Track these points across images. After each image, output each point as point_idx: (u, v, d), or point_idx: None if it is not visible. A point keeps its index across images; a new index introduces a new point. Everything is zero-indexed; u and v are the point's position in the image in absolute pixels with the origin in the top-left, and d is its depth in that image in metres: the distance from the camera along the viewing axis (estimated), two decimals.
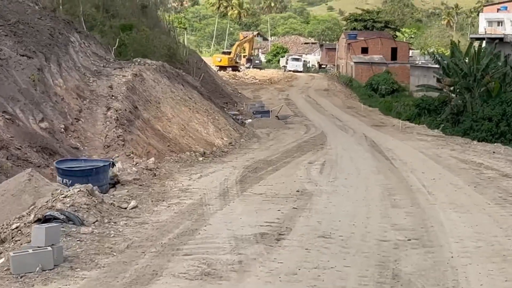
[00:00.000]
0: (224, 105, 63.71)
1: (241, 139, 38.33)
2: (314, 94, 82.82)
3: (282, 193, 19.60)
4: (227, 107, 63.00)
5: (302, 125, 53.38)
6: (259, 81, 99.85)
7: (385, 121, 58.69)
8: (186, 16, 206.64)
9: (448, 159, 31.51)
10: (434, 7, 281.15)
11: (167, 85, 33.89)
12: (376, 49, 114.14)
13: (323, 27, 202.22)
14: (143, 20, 70.25)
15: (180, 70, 67.50)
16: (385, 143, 39.32)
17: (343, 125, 53.44)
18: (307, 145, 37.39)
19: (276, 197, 18.83)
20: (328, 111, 65.32)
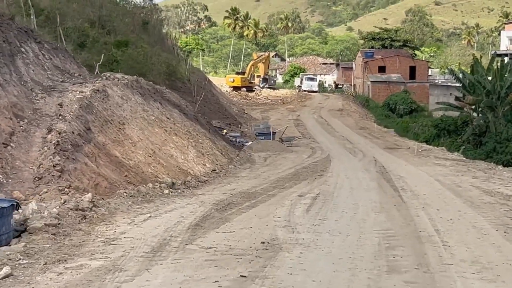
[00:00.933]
0: (227, 126, 58.65)
1: (230, 165, 32.96)
2: (327, 114, 77.37)
3: (240, 246, 14.13)
4: (230, 128, 57.90)
5: (308, 147, 47.97)
6: (271, 101, 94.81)
7: (400, 143, 53.04)
8: (203, 37, 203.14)
9: (469, 189, 25.89)
10: (455, 27, 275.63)
11: (139, 103, 28.65)
12: (394, 68, 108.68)
13: (342, 47, 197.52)
14: (143, 37, 65.48)
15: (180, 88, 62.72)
16: (397, 169, 33.77)
17: (353, 148, 47.93)
18: (305, 172, 31.94)
19: (228, 253, 13.35)
20: (339, 133, 59.82)
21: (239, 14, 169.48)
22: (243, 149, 43.21)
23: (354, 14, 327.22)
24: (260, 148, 43.55)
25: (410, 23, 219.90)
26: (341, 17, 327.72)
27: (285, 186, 25.99)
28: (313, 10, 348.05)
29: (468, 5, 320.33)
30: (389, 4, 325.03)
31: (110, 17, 62.60)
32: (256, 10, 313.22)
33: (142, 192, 21.73)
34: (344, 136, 56.99)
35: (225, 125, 58.50)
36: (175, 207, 19.86)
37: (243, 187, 25.58)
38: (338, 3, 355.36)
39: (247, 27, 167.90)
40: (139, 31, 68.00)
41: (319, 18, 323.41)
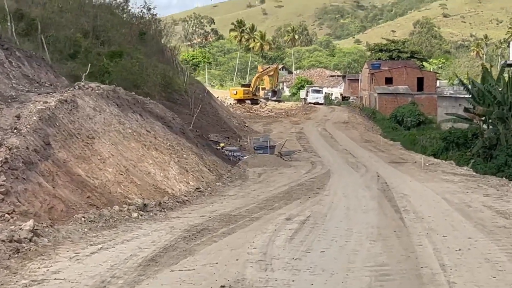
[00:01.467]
0: (226, 139, 55.82)
1: (218, 182, 30.00)
2: (331, 127, 74.40)
3: None
4: (229, 142, 55.07)
5: (308, 162, 44.99)
6: (274, 114, 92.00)
7: (406, 157, 49.96)
8: (210, 50, 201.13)
9: (480, 209, 22.85)
10: (463, 39, 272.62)
11: (115, 114, 25.78)
12: (401, 79, 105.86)
13: (349, 59, 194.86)
14: (140, 48, 62.74)
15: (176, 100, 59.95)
16: (400, 186, 30.73)
17: (356, 162, 44.91)
18: (300, 189, 28.95)
19: None
20: (343, 146, 56.82)
21: (245, 27, 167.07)
22: (238, 164, 40.30)
23: (362, 27, 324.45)
24: (256, 163, 40.63)
25: (418, 35, 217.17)
26: (349, 29, 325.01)
27: (274, 207, 23.02)
28: (321, 23, 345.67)
29: (476, 17, 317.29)
30: (397, 17, 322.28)
31: (105, 27, 59.99)
32: (264, 23, 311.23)
33: (105, 216, 18.82)
34: (347, 149, 54.01)
35: (223, 138, 55.69)
36: (137, 235, 16.92)
37: (226, 208, 22.65)
38: (346, 16, 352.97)
39: (253, 39, 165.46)
40: (136, 41, 65.35)
41: (327, 31, 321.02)
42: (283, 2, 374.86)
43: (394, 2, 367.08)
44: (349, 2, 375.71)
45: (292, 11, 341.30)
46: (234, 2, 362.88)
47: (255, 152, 48.32)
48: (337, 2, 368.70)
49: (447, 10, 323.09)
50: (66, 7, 58.89)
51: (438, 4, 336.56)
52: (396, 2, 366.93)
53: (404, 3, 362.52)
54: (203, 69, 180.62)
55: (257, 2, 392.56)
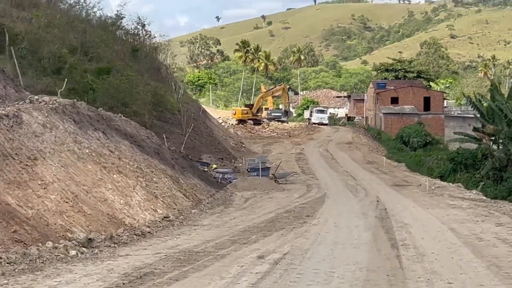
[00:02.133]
0: (219, 160, 52.20)
1: (195, 209, 26.23)
2: (334, 147, 70.58)
3: None
4: (222, 163, 51.43)
5: (304, 185, 41.21)
6: (276, 134, 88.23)
7: (410, 179, 46.07)
8: (216, 71, 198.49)
9: (493, 244, 19.08)
10: (470, 59, 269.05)
11: (71, 132, 22.15)
12: (407, 99, 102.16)
13: (356, 80, 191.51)
14: (131, 64, 59.39)
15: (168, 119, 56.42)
16: (401, 213, 26.92)
17: (355, 185, 41.08)
18: (286, 217, 25.18)
19: None
20: (343, 167, 52.99)
21: (249, 47, 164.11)
22: (226, 187, 36.60)
23: (369, 48, 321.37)
24: (246, 186, 36.90)
25: (425, 55, 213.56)
26: (356, 51, 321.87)
27: (249, 240, 19.30)
28: (327, 44, 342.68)
29: (484, 38, 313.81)
30: (404, 38, 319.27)
31: (95, 43, 56.68)
32: (271, 44, 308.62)
33: (32, 256, 15.14)
34: (348, 171, 50.19)
35: (217, 159, 52.06)
36: (59, 282, 13.22)
37: (192, 242, 18.95)
38: (352, 37, 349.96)
39: (258, 59, 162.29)
40: (129, 58, 62.03)
41: (334, 52, 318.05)
42: (290, 24, 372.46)
43: (401, 23, 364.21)
44: (355, 24, 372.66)
45: (299, 33, 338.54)
46: (241, 24, 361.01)
47: (249, 174, 44.69)
48: (344, 24, 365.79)
49: (454, 31, 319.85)
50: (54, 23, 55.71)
51: (445, 25, 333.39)
52: (403, 23, 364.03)
53: (411, 24, 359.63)
54: (208, 90, 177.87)
55: (264, 24, 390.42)
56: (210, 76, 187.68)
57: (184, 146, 51.90)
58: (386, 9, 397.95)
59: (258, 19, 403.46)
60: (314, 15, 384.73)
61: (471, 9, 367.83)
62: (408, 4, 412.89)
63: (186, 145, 52.29)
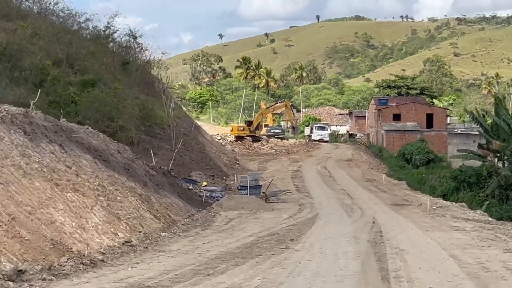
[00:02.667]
0: (210, 178, 49.34)
1: (165, 231, 23.30)
2: (333, 165, 67.65)
3: None
4: (213, 181, 48.58)
5: (296, 204, 38.27)
6: (275, 151, 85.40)
7: (411, 198, 43.07)
8: (218, 88, 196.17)
9: (502, 275, 16.18)
10: (474, 77, 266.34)
11: (18, 144, 19.33)
12: (410, 116, 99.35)
13: (358, 97, 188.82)
14: (120, 77, 56.75)
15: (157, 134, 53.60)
16: (398, 237, 23.98)
17: (352, 204, 38.14)
18: (267, 242, 22.26)
19: None
20: (341, 185, 50.03)
21: (250, 64, 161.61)
22: (211, 206, 33.70)
23: (372, 66, 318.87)
24: (232, 206, 33.99)
25: (428, 72, 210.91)
26: (359, 68, 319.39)
27: (215, 271, 16.39)
28: (330, 62, 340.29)
29: (487, 56, 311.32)
30: (407, 56, 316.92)
31: (81, 55, 54.10)
32: (274, 62, 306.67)
33: None
34: (345, 189, 47.23)
35: (208, 176, 49.19)
36: None
37: (148, 273, 16.05)
38: (356, 55, 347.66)
39: (259, 76, 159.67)
40: (119, 72, 59.41)
41: (337, 69, 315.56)
42: (293, 42, 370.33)
43: (404, 41, 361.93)
44: (359, 41, 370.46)
45: (302, 50, 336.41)
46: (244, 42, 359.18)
47: (239, 193, 41.85)
48: (347, 41, 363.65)
49: (457, 49, 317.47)
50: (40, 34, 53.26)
51: (448, 43, 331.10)
52: (406, 41, 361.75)
53: (415, 42, 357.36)
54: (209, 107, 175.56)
55: (267, 41, 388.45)
56: (211, 93, 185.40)
57: (173, 163, 49.11)
58: (389, 27, 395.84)
59: (261, 37, 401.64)
60: (317, 32, 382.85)
61: (475, 27, 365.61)
62: (411, 22, 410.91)
63: (176, 162, 49.49)
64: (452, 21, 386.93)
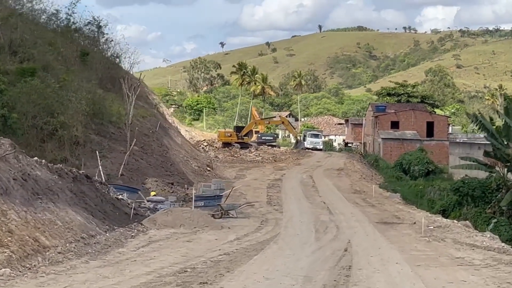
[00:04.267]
0: (169, 185, 41.10)
1: (24, 261, 14.98)
2: (320, 174, 59.25)
3: None
4: (172, 190, 40.34)
5: (259, 220, 29.95)
6: (261, 158, 77.12)
7: (403, 215, 34.49)
8: (216, 96, 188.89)
9: None
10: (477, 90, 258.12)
11: None
12: (409, 124, 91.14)
13: (358, 107, 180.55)
14: (75, 69, 48.63)
15: (111, 134, 45.38)
16: (373, 278, 15.66)
17: (329, 222, 29.77)
18: (168, 283, 14.03)
19: None
20: (322, 197, 41.61)
21: (246, 69, 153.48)
22: (140, 223, 25.38)
23: (373, 76, 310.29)
24: (169, 222, 25.70)
25: (430, 83, 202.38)
26: (360, 79, 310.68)
27: None
28: (332, 72, 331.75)
29: (490, 68, 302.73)
30: (410, 67, 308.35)
31: (29, 42, 46.09)
32: (275, 71, 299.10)
33: None
34: (326, 202, 38.83)
35: (165, 184, 40.92)
36: None
37: None
38: (357, 65, 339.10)
39: (255, 82, 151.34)
40: (78, 64, 51.32)
41: (339, 80, 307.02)
42: (294, 51, 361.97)
43: (406, 52, 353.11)
44: (361, 52, 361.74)
45: (304, 60, 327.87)
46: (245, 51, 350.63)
47: (194, 204, 33.63)
48: (349, 52, 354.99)
49: (460, 61, 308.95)
50: None
51: (451, 54, 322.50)
52: (408, 52, 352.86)
53: (417, 53, 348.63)
54: (207, 114, 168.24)
55: (268, 50, 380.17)
56: (209, 101, 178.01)
57: (126, 167, 40.91)
58: (391, 38, 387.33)
59: (262, 46, 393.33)
60: (319, 42, 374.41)
61: (478, 40, 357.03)
62: (414, 33, 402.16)
63: (129, 166, 41.34)
64: (455, 33, 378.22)
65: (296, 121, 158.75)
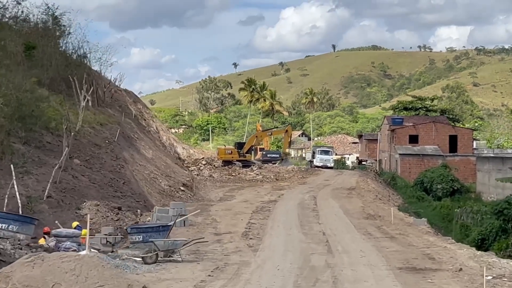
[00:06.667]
0: (115, 211, 29.56)
1: None
2: (326, 194, 47.31)
3: None
4: (118, 216, 28.83)
5: (213, 265, 18.37)
6: (262, 177, 65.57)
7: (439, 253, 22.34)
8: (227, 115, 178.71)
9: None
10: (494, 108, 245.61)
11: None
12: (429, 138, 79.43)
13: (373, 125, 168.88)
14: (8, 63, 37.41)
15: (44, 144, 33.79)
16: None
17: (324, 267, 18.14)
18: None
19: None
20: (323, 225, 29.70)
21: (255, 85, 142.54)
22: None
23: (388, 95, 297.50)
24: (34, 279, 14.20)
25: (447, 100, 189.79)
26: (375, 98, 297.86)
27: None
28: (346, 91, 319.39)
29: (508, 86, 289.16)
30: (425, 85, 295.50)
31: None
32: (289, 92, 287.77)
33: None
34: (327, 233, 27.02)
35: (109, 209, 29.36)
36: None
37: None
38: (372, 84, 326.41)
39: (264, 98, 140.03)
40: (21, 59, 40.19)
41: (353, 99, 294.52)
42: (308, 71, 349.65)
43: (422, 71, 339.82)
44: (375, 71, 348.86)
45: (318, 80, 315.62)
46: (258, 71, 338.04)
47: (129, 239, 22.10)
48: (363, 71, 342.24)
49: (477, 79, 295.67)
50: None
51: (467, 72, 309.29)
52: (424, 71, 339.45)
53: (433, 72, 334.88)
54: (217, 134, 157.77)
55: (282, 71, 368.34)
56: (219, 120, 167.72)
57: (58, 186, 29.47)
58: (406, 56, 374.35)
59: (276, 66, 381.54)
60: (333, 62, 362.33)
61: (494, 58, 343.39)
62: (429, 52, 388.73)
63: (62, 185, 29.79)
64: (471, 51, 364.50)
65: (308, 141, 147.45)
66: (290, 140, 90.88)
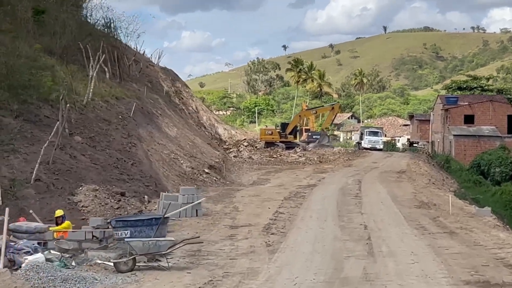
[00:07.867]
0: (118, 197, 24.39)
1: None
2: (373, 178, 41.43)
3: None
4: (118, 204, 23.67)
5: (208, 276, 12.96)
6: (305, 159, 59.96)
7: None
8: (275, 97, 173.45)
9: None
10: None
11: None
12: (486, 118, 72.73)
13: (425, 107, 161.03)
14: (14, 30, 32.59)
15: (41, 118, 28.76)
16: None
17: (361, 280, 12.55)
18: None
19: None
20: (364, 216, 23.97)
21: (302, 65, 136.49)
22: None
23: (441, 77, 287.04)
24: None
25: (502, 81, 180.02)
26: (427, 80, 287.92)
27: None
28: (397, 73, 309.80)
29: None
30: (479, 67, 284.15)
31: None
32: (339, 74, 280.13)
33: None
34: (370, 226, 21.40)
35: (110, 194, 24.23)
36: None
37: None
38: (424, 66, 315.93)
39: (312, 79, 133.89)
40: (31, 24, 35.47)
41: (404, 81, 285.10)
42: (358, 53, 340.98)
43: (475, 52, 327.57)
44: (427, 53, 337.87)
45: (368, 62, 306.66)
46: (308, 53, 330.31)
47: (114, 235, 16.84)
48: (415, 53, 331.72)
49: None
50: None
51: None
52: (477, 52, 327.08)
53: (486, 53, 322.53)
54: (265, 116, 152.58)
55: (332, 53, 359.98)
56: (267, 102, 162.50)
57: (50, 168, 24.48)
58: (459, 38, 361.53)
59: (326, 49, 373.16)
60: (384, 44, 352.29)
61: None
62: (483, 33, 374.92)
63: (55, 166, 24.75)
64: None
65: (358, 123, 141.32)
66: (334, 117, 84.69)
